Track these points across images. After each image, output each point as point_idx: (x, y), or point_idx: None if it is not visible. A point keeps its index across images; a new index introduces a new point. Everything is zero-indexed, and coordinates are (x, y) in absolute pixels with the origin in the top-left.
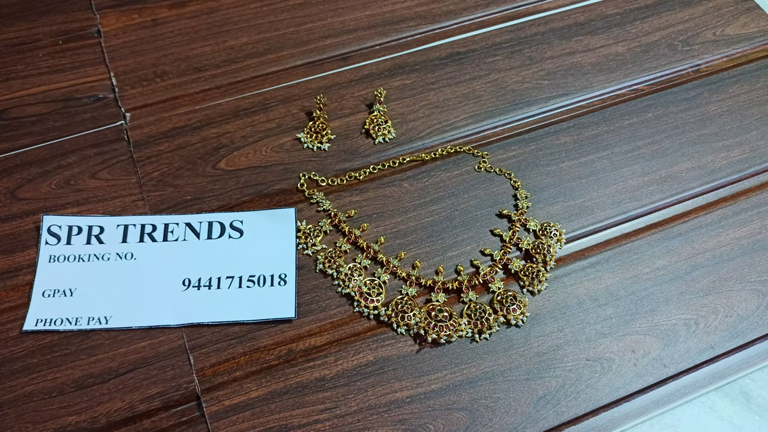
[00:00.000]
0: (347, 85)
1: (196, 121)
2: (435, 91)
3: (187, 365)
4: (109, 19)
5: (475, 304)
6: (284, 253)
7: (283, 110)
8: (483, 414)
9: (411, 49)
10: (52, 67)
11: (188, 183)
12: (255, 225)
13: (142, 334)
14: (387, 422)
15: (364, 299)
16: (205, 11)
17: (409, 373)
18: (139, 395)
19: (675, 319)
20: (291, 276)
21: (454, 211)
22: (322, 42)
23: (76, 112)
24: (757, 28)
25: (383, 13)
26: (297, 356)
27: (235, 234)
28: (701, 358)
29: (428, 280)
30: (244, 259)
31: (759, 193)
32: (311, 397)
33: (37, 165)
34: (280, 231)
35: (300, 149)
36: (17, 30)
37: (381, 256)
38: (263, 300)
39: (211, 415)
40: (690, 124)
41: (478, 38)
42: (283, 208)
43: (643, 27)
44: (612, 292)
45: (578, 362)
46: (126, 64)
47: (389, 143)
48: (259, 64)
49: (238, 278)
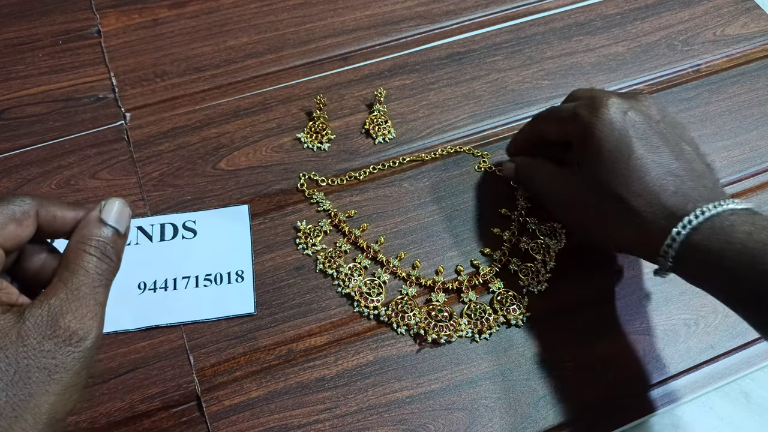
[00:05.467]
0: (347, 85)
1: (196, 121)
2: (435, 91)
3: (187, 365)
4: (109, 19)
5: (475, 304)
6: (239, 250)
7: (283, 110)
8: (483, 414)
9: (411, 49)
10: (52, 67)
11: (188, 183)
12: (208, 224)
13: (141, 335)
14: (387, 422)
15: (364, 299)
16: (205, 11)
17: (409, 373)
18: (139, 395)
19: (675, 319)
20: (248, 272)
21: (454, 211)
22: (322, 42)
23: (76, 112)
24: (757, 28)
25: (383, 13)
26: (297, 356)
27: (188, 234)
28: (701, 358)
29: (428, 280)
30: (200, 259)
31: (759, 193)
32: (311, 397)
33: (37, 165)
34: (234, 228)
35: (300, 149)
36: (17, 30)
37: (381, 256)
38: (222, 298)
39: (211, 415)
40: (690, 124)
41: (478, 38)
42: (236, 206)
43: (643, 27)
44: (612, 292)
45: (578, 362)
46: (126, 64)
47: (389, 143)
48: (259, 64)
49: (195, 278)
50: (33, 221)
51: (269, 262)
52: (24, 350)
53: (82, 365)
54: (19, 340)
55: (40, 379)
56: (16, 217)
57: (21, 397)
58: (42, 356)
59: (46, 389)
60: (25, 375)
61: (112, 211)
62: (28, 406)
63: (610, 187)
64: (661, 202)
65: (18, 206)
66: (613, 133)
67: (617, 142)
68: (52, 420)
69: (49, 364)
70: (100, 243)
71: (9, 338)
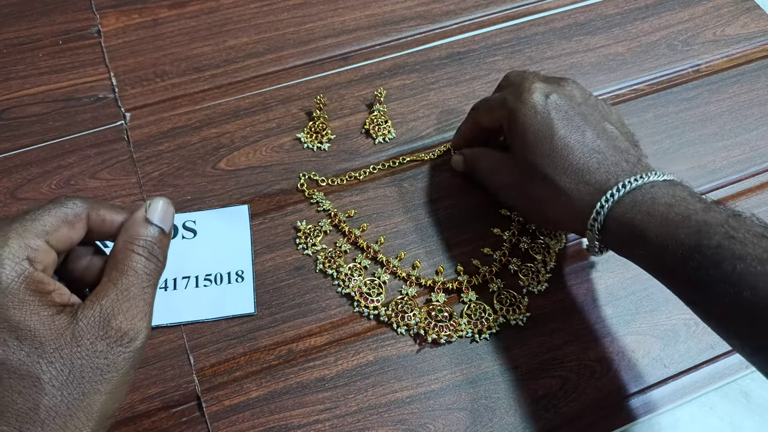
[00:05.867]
0: (347, 85)
1: (196, 121)
2: (435, 91)
3: (187, 365)
4: (109, 19)
5: (475, 304)
6: (239, 250)
7: (283, 110)
8: (483, 414)
9: (411, 49)
10: (52, 67)
11: (188, 183)
12: (208, 224)
13: None
14: (387, 422)
15: (364, 299)
16: (205, 11)
17: (409, 373)
18: (139, 395)
19: (675, 319)
20: (248, 272)
21: (454, 211)
22: (322, 42)
23: (76, 112)
24: (757, 28)
25: (383, 13)
26: (297, 356)
27: (188, 234)
28: (701, 358)
29: (428, 280)
30: (200, 259)
31: (759, 193)
32: (311, 397)
33: (37, 165)
34: (234, 228)
35: (300, 149)
36: (17, 30)
37: (381, 256)
38: (222, 298)
39: (211, 415)
40: (690, 124)
41: (478, 38)
42: (236, 206)
43: (643, 27)
44: (612, 292)
45: (578, 362)
46: (126, 64)
47: (389, 143)
48: (259, 64)
49: (195, 278)
50: (84, 224)
51: (269, 262)
52: (78, 351)
53: (132, 365)
54: (74, 341)
55: (93, 378)
56: (69, 219)
57: (75, 396)
58: (95, 356)
59: (98, 389)
60: (79, 375)
61: (157, 210)
62: (81, 405)
63: (537, 168)
64: (585, 179)
65: (71, 209)
66: (536, 116)
67: (540, 124)
68: (103, 418)
69: (102, 364)
70: (147, 243)
71: (64, 339)
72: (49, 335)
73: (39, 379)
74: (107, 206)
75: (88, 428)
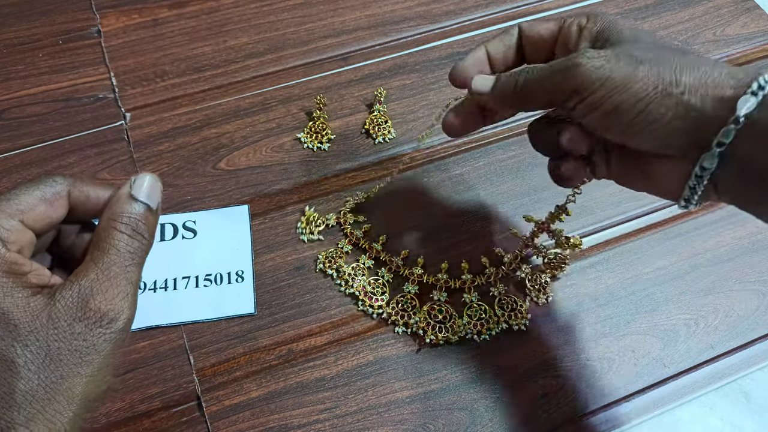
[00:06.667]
0: (347, 85)
1: (196, 121)
2: (435, 91)
3: (187, 365)
4: (109, 19)
5: (475, 305)
6: (239, 250)
7: (283, 110)
8: (483, 414)
9: (411, 49)
10: (52, 67)
11: (188, 183)
12: (208, 224)
13: (141, 335)
14: (387, 422)
15: (368, 298)
16: (205, 11)
17: (409, 373)
18: (139, 395)
19: (675, 319)
20: (248, 272)
21: (455, 210)
22: (322, 42)
23: (76, 112)
24: (757, 28)
25: (383, 13)
26: (297, 356)
27: (188, 234)
28: (701, 358)
29: (430, 279)
30: (200, 259)
31: None
32: (311, 397)
33: (37, 165)
34: (234, 228)
35: (300, 149)
36: (17, 30)
37: (383, 256)
38: (222, 298)
39: (211, 415)
40: None
41: (478, 38)
42: (236, 206)
43: (643, 27)
44: (612, 292)
45: (578, 362)
46: (126, 64)
47: (389, 143)
48: (259, 64)
49: (195, 278)
50: (64, 202)
51: (269, 262)
52: (55, 333)
53: (114, 346)
54: (50, 322)
55: (71, 361)
56: (47, 197)
57: (53, 380)
58: (73, 338)
59: (78, 371)
60: (57, 358)
61: (143, 186)
62: (60, 389)
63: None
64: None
65: (50, 187)
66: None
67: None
68: (85, 401)
69: (80, 347)
70: (131, 220)
71: (39, 321)
72: (24, 317)
73: (14, 362)
74: (91, 183)
75: (70, 411)
